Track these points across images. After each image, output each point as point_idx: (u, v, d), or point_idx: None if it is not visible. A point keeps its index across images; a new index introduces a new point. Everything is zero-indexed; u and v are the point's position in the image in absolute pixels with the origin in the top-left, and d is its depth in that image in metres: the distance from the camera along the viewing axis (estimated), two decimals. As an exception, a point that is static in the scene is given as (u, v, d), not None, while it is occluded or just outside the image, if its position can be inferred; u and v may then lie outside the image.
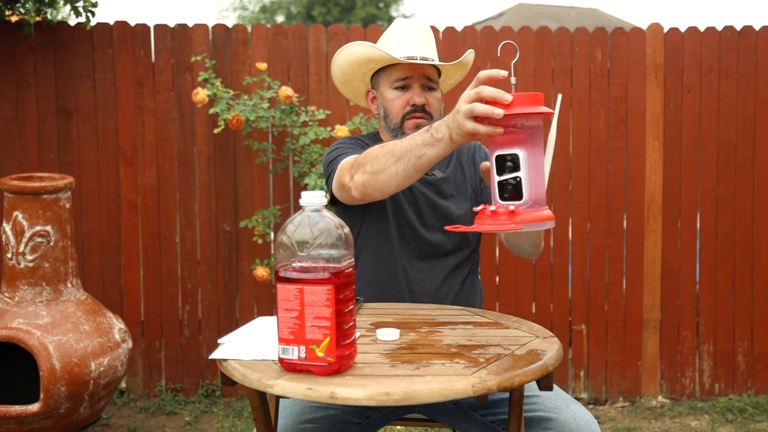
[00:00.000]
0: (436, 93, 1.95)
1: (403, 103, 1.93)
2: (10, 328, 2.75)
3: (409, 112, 1.92)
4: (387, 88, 1.95)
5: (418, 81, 1.92)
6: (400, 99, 1.93)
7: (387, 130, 1.98)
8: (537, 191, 1.38)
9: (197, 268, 3.53)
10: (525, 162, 1.36)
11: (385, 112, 1.96)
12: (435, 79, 1.95)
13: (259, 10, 20.02)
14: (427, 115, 1.92)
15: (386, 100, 1.96)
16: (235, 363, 1.31)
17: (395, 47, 1.92)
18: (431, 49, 1.95)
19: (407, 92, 1.93)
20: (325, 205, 1.28)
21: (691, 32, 3.56)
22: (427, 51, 1.93)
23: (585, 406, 3.54)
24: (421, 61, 1.89)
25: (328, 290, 1.22)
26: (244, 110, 3.18)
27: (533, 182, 1.37)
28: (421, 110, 1.92)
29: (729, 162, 3.56)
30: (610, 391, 3.62)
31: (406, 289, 1.91)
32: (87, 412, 2.87)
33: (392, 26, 1.98)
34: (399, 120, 1.93)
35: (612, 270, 3.58)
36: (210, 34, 3.48)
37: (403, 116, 1.93)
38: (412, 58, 1.89)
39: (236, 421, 3.29)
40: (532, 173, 1.37)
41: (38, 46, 3.42)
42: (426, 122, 1.90)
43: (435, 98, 1.94)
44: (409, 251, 1.93)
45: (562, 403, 1.62)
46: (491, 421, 1.69)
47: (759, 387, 3.61)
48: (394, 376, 1.24)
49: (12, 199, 2.83)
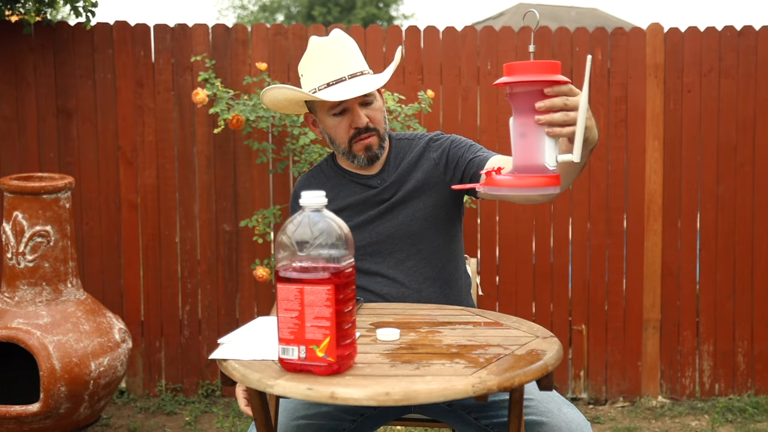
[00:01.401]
0: (375, 104, 1.89)
1: (345, 128, 1.88)
2: (10, 328, 2.75)
3: (355, 135, 1.88)
4: (325, 115, 1.90)
5: (354, 102, 1.86)
6: (342, 124, 1.88)
7: (339, 153, 1.96)
8: (525, 159, 1.36)
9: (197, 268, 3.53)
10: (512, 129, 1.37)
11: (330, 138, 1.93)
12: (371, 92, 1.87)
13: (258, 9, 20.02)
14: (373, 131, 1.88)
15: (328, 127, 1.91)
16: (235, 363, 1.31)
17: (320, 74, 1.85)
18: (356, 61, 1.87)
19: (347, 115, 1.87)
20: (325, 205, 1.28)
21: (691, 32, 3.56)
22: (353, 65, 1.86)
23: (585, 406, 3.55)
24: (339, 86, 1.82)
25: (328, 290, 1.22)
26: (244, 110, 3.18)
27: (519, 150, 1.36)
28: (365, 130, 1.87)
29: (729, 162, 3.56)
30: (610, 391, 3.62)
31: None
32: (87, 412, 2.87)
33: (310, 49, 1.88)
34: (347, 145, 1.89)
35: (612, 270, 3.58)
36: (210, 34, 3.48)
37: (350, 140, 1.88)
38: (341, 79, 1.83)
39: (236, 421, 3.29)
40: (519, 141, 1.36)
41: (38, 46, 3.42)
42: (373, 139, 1.88)
43: (376, 110, 1.89)
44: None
45: (554, 407, 1.61)
46: (485, 424, 1.68)
47: (759, 387, 3.61)
48: (394, 376, 1.24)
49: (12, 199, 2.83)
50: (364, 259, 1.91)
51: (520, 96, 1.35)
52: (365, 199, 1.93)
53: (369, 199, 1.93)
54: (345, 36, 1.89)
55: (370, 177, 1.95)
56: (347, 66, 1.85)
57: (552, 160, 1.35)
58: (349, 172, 1.98)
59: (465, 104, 3.53)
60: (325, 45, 1.86)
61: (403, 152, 1.98)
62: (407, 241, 1.90)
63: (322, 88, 1.84)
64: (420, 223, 1.91)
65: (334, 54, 1.85)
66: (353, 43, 1.91)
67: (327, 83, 1.84)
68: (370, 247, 1.91)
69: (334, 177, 1.99)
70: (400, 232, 1.90)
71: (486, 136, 3.53)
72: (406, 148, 1.98)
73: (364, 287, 1.90)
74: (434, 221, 1.92)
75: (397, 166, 1.96)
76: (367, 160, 1.91)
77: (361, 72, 1.86)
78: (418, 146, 1.98)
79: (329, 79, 1.84)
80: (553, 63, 1.34)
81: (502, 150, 3.52)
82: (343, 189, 1.96)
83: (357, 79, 1.85)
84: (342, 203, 1.93)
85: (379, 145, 1.91)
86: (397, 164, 1.96)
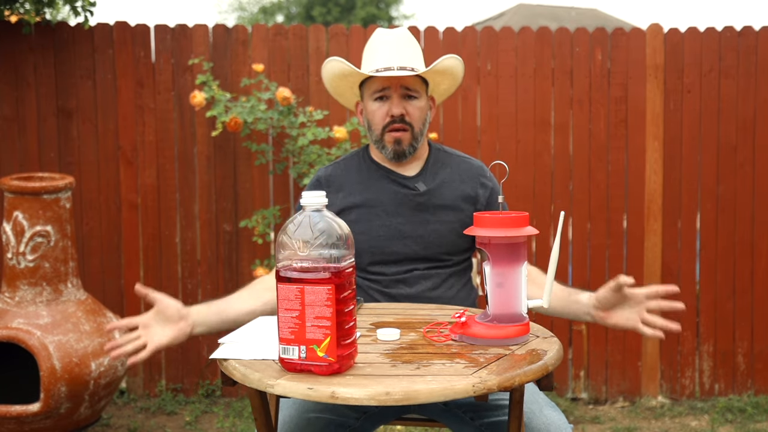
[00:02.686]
0: (417, 102, 1.92)
1: (382, 115, 1.91)
2: (10, 328, 2.75)
3: (389, 124, 1.91)
4: (369, 99, 1.94)
5: (396, 91, 1.90)
6: (380, 110, 1.91)
7: (372, 142, 1.98)
8: (503, 308, 1.42)
9: (197, 268, 3.53)
10: (488, 278, 1.42)
11: (368, 123, 1.96)
12: (416, 88, 1.92)
13: (258, 11, 20.01)
14: (407, 126, 1.90)
15: (369, 112, 1.95)
16: (235, 363, 1.32)
17: (372, 59, 1.91)
18: (412, 57, 1.92)
19: (386, 103, 1.91)
20: (325, 205, 1.28)
21: (691, 32, 3.56)
22: (406, 60, 1.90)
23: (585, 406, 3.55)
24: (386, 72, 1.87)
25: (328, 290, 1.22)
26: (242, 112, 3.18)
27: (497, 299, 1.42)
28: (400, 121, 1.90)
29: (729, 162, 3.56)
30: (610, 391, 3.62)
31: None
32: (87, 412, 2.87)
33: (372, 37, 1.97)
34: (380, 132, 1.92)
35: (612, 270, 3.58)
36: (210, 34, 3.48)
37: (383, 128, 1.92)
38: (389, 68, 1.87)
39: (236, 421, 3.29)
40: (496, 290, 1.41)
41: (38, 46, 3.42)
42: (405, 135, 1.90)
43: (416, 107, 1.91)
44: None
45: (536, 408, 1.61)
46: (480, 424, 1.69)
47: (759, 387, 3.61)
48: (394, 376, 1.24)
49: (12, 199, 2.84)
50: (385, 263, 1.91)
51: (495, 246, 1.40)
52: (401, 198, 1.93)
53: (404, 199, 1.93)
54: (408, 34, 1.95)
55: (407, 178, 1.96)
56: (400, 59, 1.89)
57: (525, 306, 1.44)
58: (384, 167, 1.98)
59: (465, 104, 3.53)
60: (386, 36, 1.93)
61: (441, 162, 2.00)
62: (433, 249, 1.91)
63: (370, 72, 1.89)
64: (448, 235, 1.92)
65: (392, 46, 1.91)
66: (414, 43, 1.95)
67: (376, 69, 1.89)
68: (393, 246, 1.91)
69: (366, 170, 1.99)
70: (428, 239, 1.91)
71: (486, 137, 3.53)
72: (446, 161, 2.00)
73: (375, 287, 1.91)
74: (461, 238, 1.93)
75: (435, 174, 1.97)
76: (394, 153, 1.92)
77: (412, 68, 1.89)
78: (462, 166, 2.00)
79: (379, 66, 1.89)
80: (523, 216, 1.41)
81: (502, 150, 3.52)
82: (375, 182, 1.96)
83: (405, 71, 1.88)
84: (373, 196, 1.93)
85: (410, 144, 1.92)
86: (435, 171, 1.98)
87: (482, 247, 1.43)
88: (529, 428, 1.58)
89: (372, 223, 1.90)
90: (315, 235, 1.23)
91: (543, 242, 3.55)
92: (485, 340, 1.40)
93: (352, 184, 1.97)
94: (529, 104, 3.52)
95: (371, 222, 1.90)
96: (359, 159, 2.02)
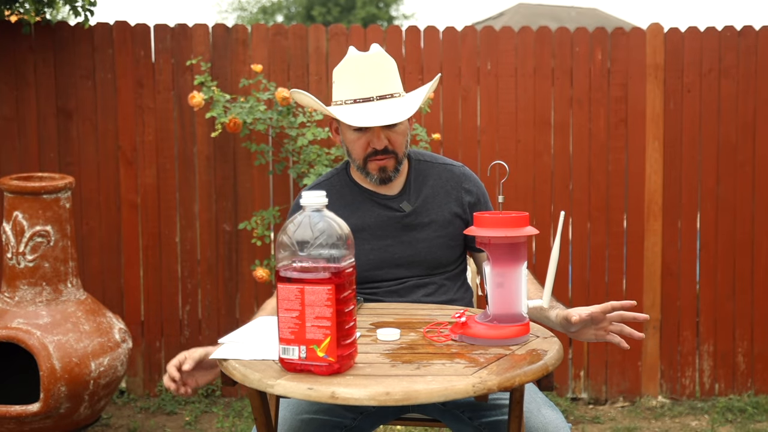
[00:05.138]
0: (399, 127, 1.84)
1: (363, 145, 1.83)
2: (10, 328, 2.75)
3: (371, 154, 1.83)
4: (346, 128, 1.85)
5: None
6: (360, 141, 1.83)
7: (354, 166, 1.91)
8: (503, 308, 1.42)
9: (197, 268, 3.53)
10: (488, 278, 1.42)
11: (347, 150, 1.89)
12: None
13: (258, 11, 20.01)
14: (391, 154, 1.84)
15: (347, 140, 1.86)
16: (235, 363, 1.32)
17: (349, 88, 1.82)
18: (389, 81, 1.83)
19: (367, 133, 1.82)
20: (326, 205, 1.28)
21: (691, 32, 3.56)
22: (384, 86, 1.81)
23: (585, 406, 3.55)
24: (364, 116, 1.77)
25: (328, 290, 1.22)
26: (241, 113, 3.18)
27: (497, 299, 1.42)
28: (383, 152, 1.83)
29: (729, 162, 3.56)
30: (610, 391, 3.62)
31: None
32: (87, 412, 2.87)
33: (346, 59, 1.84)
34: (362, 161, 1.85)
35: (612, 270, 3.58)
36: (210, 34, 3.48)
37: (365, 158, 1.85)
38: (368, 99, 1.79)
39: (236, 421, 3.29)
40: (496, 290, 1.41)
41: (38, 46, 3.42)
42: (390, 161, 1.84)
43: (398, 134, 1.84)
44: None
45: (534, 407, 1.61)
46: (478, 424, 1.68)
47: (759, 387, 3.61)
48: (394, 376, 1.24)
49: (12, 199, 2.83)
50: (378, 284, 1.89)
51: (495, 246, 1.40)
52: (387, 220, 1.90)
53: (391, 221, 1.90)
54: (383, 54, 1.85)
55: (390, 198, 1.92)
56: (378, 86, 1.81)
57: (525, 306, 1.44)
58: (367, 189, 1.93)
59: (465, 104, 3.53)
60: (361, 59, 1.82)
61: (423, 175, 1.95)
62: (425, 265, 1.90)
63: (348, 102, 1.81)
64: (438, 250, 1.90)
65: (368, 70, 1.81)
66: (391, 63, 1.86)
67: (354, 99, 1.81)
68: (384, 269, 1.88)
69: (349, 194, 1.93)
70: (418, 257, 1.89)
71: (486, 137, 3.53)
72: (427, 171, 1.95)
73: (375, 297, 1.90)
74: (452, 249, 1.92)
75: (419, 190, 1.93)
76: (380, 180, 1.87)
77: (391, 95, 1.82)
78: (444, 175, 1.95)
79: (357, 96, 1.80)
80: (523, 216, 1.41)
81: (502, 150, 3.52)
82: (359, 206, 1.92)
83: (385, 102, 1.80)
84: (359, 222, 1.88)
85: (395, 168, 1.87)
86: (418, 187, 1.93)
87: (482, 247, 1.43)
88: (528, 428, 1.58)
89: (361, 248, 1.85)
90: (315, 235, 1.23)
91: (543, 242, 3.55)
92: (485, 340, 1.40)
93: (335, 209, 1.92)
94: (529, 104, 3.52)
95: (360, 247, 1.85)
96: (340, 182, 1.96)
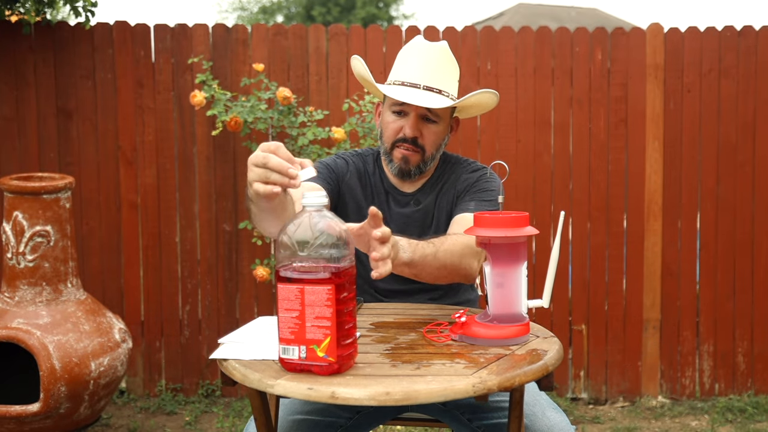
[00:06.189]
0: (435, 126, 1.82)
1: (395, 129, 1.82)
2: (10, 328, 2.75)
3: (400, 140, 1.82)
4: (387, 109, 1.85)
5: (416, 110, 1.80)
6: (394, 124, 1.82)
7: (381, 150, 1.90)
8: (503, 308, 1.42)
9: (197, 268, 3.53)
10: (489, 278, 1.42)
11: (381, 131, 1.89)
12: (437, 112, 1.81)
13: (258, 11, 20.00)
14: (418, 149, 1.82)
15: (383, 121, 1.86)
16: (235, 363, 1.31)
17: (401, 68, 1.82)
18: (444, 78, 1.81)
19: (402, 119, 1.82)
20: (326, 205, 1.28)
21: (691, 32, 3.56)
22: (435, 80, 1.79)
23: (585, 406, 3.55)
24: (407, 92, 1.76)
25: (328, 290, 1.22)
26: (242, 112, 3.18)
27: (497, 300, 1.42)
28: (412, 142, 1.81)
29: (729, 162, 3.56)
30: (610, 391, 3.62)
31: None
32: (87, 412, 2.87)
33: (410, 44, 1.84)
34: (389, 145, 1.84)
35: (612, 270, 3.58)
36: (210, 34, 3.48)
37: (393, 142, 1.83)
38: (415, 85, 1.78)
39: (236, 421, 3.29)
40: (496, 290, 1.41)
41: (38, 46, 3.42)
42: (415, 156, 1.82)
43: (432, 132, 1.82)
44: None
45: (538, 410, 1.61)
46: (477, 426, 1.68)
47: (759, 387, 3.61)
48: (394, 376, 1.24)
49: (12, 199, 2.83)
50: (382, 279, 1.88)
51: (495, 246, 1.40)
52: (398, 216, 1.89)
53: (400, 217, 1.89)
54: (446, 51, 1.84)
55: (404, 194, 1.91)
56: (428, 77, 1.79)
57: (525, 306, 1.44)
58: (389, 182, 1.92)
59: (465, 104, 3.53)
60: (424, 48, 1.82)
61: (444, 179, 1.92)
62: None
63: (396, 83, 1.81)
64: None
65: (427, 60, 1.80)
66: (452, 63, 1.84)
67: (402, 81, 1.80)
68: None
69: (371, 184, 1.93)
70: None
71: (486, 137, 3.53)
72: (448, 175, 1.92)
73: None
74: None
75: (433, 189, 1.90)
76: (399, 170, 1.85)
77: (439, 90, 1.79)
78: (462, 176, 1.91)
79: (406, 79, 1.80)
80: (523, 216, 1.40)
81: (502, 150, 3.52)
82: (375, 199, 1.91)
83: (430, 93, 1.78)
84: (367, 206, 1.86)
85: (418, 165, 1.85)
86: (433, 187, 1.91)
87: (482, 247, 1.42)
88: (530, 430, 1.57)
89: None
90: (315, 235, 1.23)
91: (543, 242, 3.55)
92: (485, 340, 1.40)
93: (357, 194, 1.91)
94: (529, 104, 3.52)
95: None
96: (373, 165, 1.94)
